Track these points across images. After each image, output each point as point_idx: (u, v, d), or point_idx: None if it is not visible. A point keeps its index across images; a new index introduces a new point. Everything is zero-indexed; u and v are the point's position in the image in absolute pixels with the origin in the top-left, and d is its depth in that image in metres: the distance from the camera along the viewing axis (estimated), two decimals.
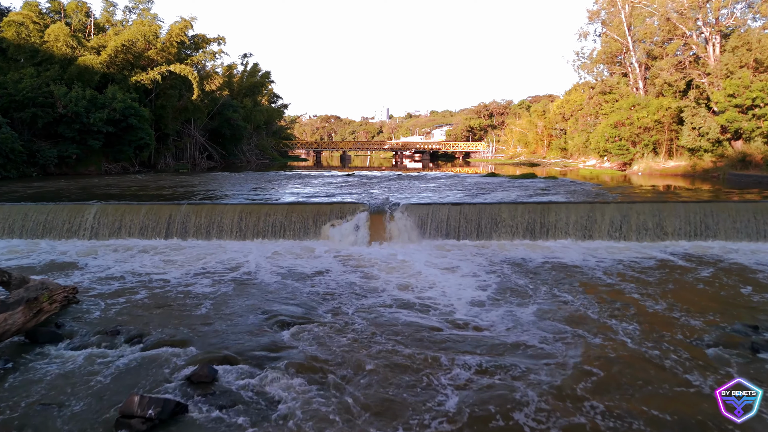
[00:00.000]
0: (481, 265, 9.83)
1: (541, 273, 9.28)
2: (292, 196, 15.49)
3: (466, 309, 7.16)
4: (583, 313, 6.92)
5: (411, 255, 10.81)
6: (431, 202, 13.71)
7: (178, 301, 7.50)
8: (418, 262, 10.05)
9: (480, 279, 8.79)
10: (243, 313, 7.06)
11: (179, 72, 29.18)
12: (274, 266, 9.69)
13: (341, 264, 9.94)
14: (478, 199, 14.65)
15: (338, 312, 7.06)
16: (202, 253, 10.88)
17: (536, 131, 59.82)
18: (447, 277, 8.92)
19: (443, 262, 10.07)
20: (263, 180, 22.30)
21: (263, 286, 8.31)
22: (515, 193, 16.16)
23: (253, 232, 12.96)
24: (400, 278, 8.78)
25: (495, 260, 10.48)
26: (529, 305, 7.32)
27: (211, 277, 8.80)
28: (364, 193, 16.22)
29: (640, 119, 28.40)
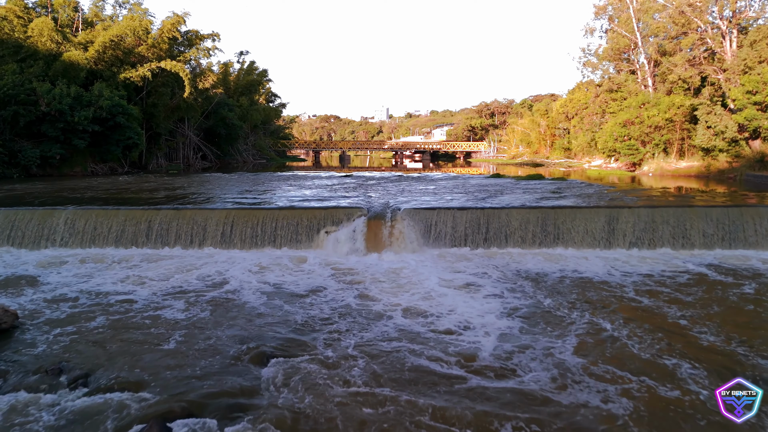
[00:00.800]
0: (498, 281, 8.65)
1: (565, 291, 8.07)
2: (284, 199, 14.33)
3: (493, 345, 5.86)
4: (635, 351, 5.68)
5: (415, 267, 9.62)
6: (435, 207, 12.56)
7: (141, 330, 6.30)
8: (424, 276, 8.86)
9: (502, 300, 7.56)
10: (219, 346, 5.88)
11: (170, 69, 27.98)
12: (260, 283, 8.50)
13: (336, 280, 8.74)
14: (485, 203, 13.50)
15: (333, 347, 5.86)
16: (181, 266, 9.70)
17: (539, 131, 58.67)
18: (462, 298, 7.67)
19: (455, 278, 8.83)
20: (256, 181, 21.15)
21: (247, 310, 7.12)
22: (524, 196, 15.00)
23: (240, 240, 11.81)
24: (406, 300, 7.56)
25: (508, 273, 9.32)
26: (568, 338, 6.10)
27: (187, 298, 7.61)
28: (362, 196, 15.07)
29: (651, 118, 27.23)
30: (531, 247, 11.92)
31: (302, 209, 12.33)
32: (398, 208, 12.52)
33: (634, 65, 33.75)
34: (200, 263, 10.04)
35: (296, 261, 10.37)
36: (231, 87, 48.12)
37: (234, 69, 50.52)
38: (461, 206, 12.64)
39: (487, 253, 11.45)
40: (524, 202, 13.56)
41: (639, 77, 32.87)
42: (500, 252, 11.60)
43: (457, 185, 19.69)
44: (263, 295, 7.78)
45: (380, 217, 12.02)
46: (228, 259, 10.55)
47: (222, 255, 10.98)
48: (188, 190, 16.34)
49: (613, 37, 32.85)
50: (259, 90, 56.00)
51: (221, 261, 10.32)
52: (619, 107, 31.05)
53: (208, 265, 9.91)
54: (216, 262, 10.12)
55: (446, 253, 11.36)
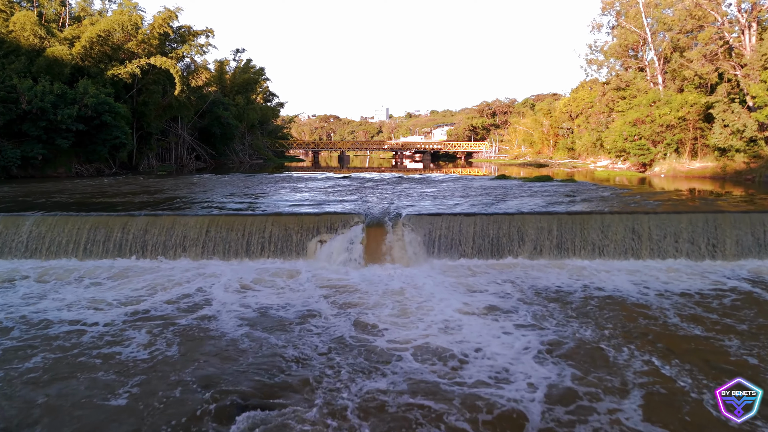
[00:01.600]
0: (520, 302, 7.46)
1: (599, 316, 6.81)
2: (275, 203, 13.14)
3: (541, 407, 4.47)
4: (712, 412, 4.42)
5: (421, 284, 8.40)
6: (440, 212, 11.39)
7: (87, 375, 5.06)
8: (434, 296, 7.65)
9: (536, 333, 6.25)
10: (184, 396, 4.67)
11: (160, 65, 26.77)
12: (243, 306, 7.25)
13: (331, 302, 7.50)
14: (494, 208, 12.33)
15: (322, 401, 4.63)
16: (152, 283, 8.50)
17: (542, 131, 57.49)
18: (487, 329, 6.34)
19: (472, 300, 7.53)
20: (248, 183, 19.96)
21: (223, 344, 5.90)
22: (534, 200, 13.83)
23: (223, 250, 10.63)
24: (418, 332, 6.24)
25: (528, 290, 8.14)
26: (631, 393, 4.73)
27: (152, 327, 6.38)
28: (360, 200, 13.90)
29: (662, 116, 26.04)
30: (547, 258, 10.76)
31: (293, 215, 11.16)
32: (399, 213, 11.36)
33: (643, 62, 32.54)
34: (176, 278, 8.85)
35: (285, 275, 9.19)
36: (227, 85, 46.93)
37: (230, 67, 49.41)
38: (468, 212, 11.47)
39: (499, 265, 10.29)
40: (536, 207, 12.40)
41: (648, 74, 31.66)
42: (513, 263, 10.44)
43: (460, 187, 18.52)
44: (244, 324, 6.54)
45: (380, 224, 10.86)
46: (208, 272, 9.36)
47: (201, 268, 9.79)
48: (173, 193, 15.15)
49: (621, 33, 31.65)
50: (256, 89, 54.81)
51: (200, 275, 9.13)
52: (628, 105, 29.86)
53: (184, 280, 8.72)
54: (194, 277, 8.92)
55: (454, 266, 10.19)
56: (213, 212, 11.39)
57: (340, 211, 11.40)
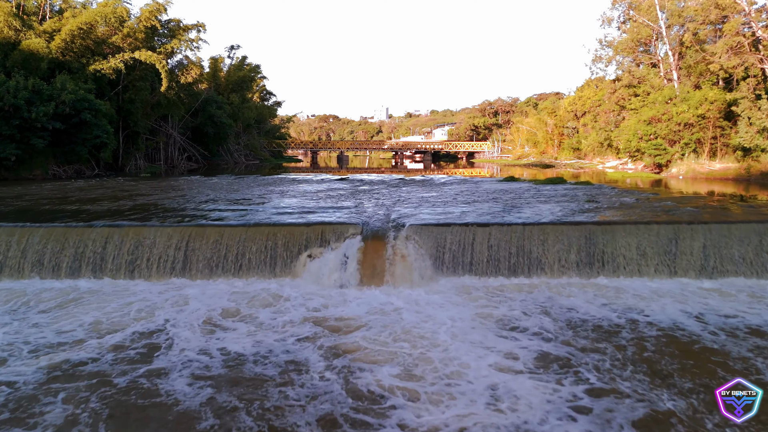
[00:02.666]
0: (567, 345, 5.77)
1: (669, 368, 5.17)
2: (262, 210, 11.54)
3: None
4: None
5: (434, 315, 6.76)
6: (448, 222, 9.83)
7: None
8: (455, 336, 5.97)
9: (614, 403, 4.53)
10: None
11: (144, 59, 25.17)
12: (208, 353, 5.61)
13: (321, 349, 5.75)
14: (510, 216, 10.76)
15: None
16: (102, 314, 6.88)
17: (546, 130, 55.90)
18: (548, 401, 4.56)
19: (509, 347, 5.70)
20: (237, 186, 18.40)
21: (170, 421, 4.28)
22: (552, 207, 12.26)
23: (195, 269, 9.05)
24: (449, 413, 4.38)
25: (565, 324, 6.56)
26: None
27: (80, 388, 4.74)
28: (357, 206, 12.31)
29: (680, 114, 24.47)
30: (574, 276, 9.20)
31: (278, 225, 9.60)
32: (402, 223, 9.80)
33: (656, 57, 30.97)
34: (132, 308, 7.25)
35: (266, 302, 7.59)
36: (221, 83, 45.35)
37: (225, 65, 47.79)
38: (481, 221, 9.90)
39: (520, 286, 8.73)
40: (556, 215, 10.83)
41: (661, 70, 30.10)
42: (536, 283, 8.88)
43: (467, 191, 16.95)
44: (206, 385, 4.83)
45: (379, 236, 9.30)
46: (173, 299, 7.77)
47: (167, 291, 8.21)
48: (147, 199, 13.56)
49: (633, 27, 30.07)
50: (252, 87, 53.22)
51: (164, 302, 7.53)
52: (641, 103, 28.28)
53: (142, 311, 7.13)
54: (154, 306, 7.33)
55: (468, 286, 8.63)
56: (186, 222, 9.82)
57: (333, 221, 9.83)
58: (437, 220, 10.04)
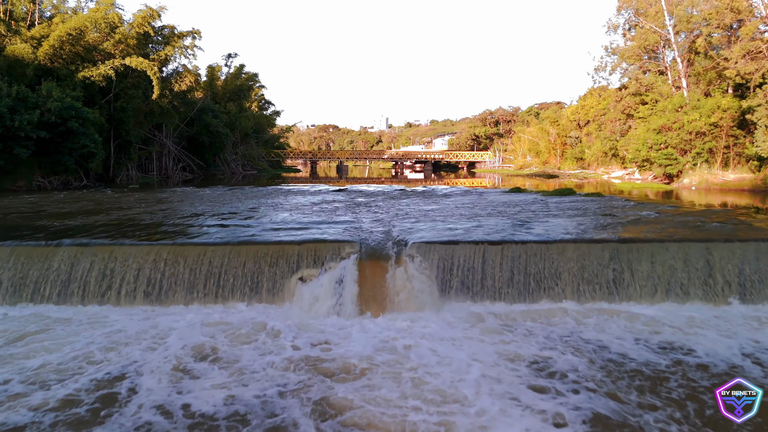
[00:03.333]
0: (621, 405, 4.60)
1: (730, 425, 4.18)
2: (251, 225, 10.53)
3: None
4: None
5: (448, 356, 5.67)
6: (455, 240, 8.83)
7: None
8: (477, 394, 4.79)
9: None
10: None
11: (135, 66, 24.28)
12: (167, 412, 4.55)
13: (311, 409, 4.62)
14: (522, 232, 9.76)
15: None
16: (56, 357, 5.84)
17: (548, 140, 55.10)
18: None
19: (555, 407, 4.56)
20: (230, 198, 17.43)
21: None
22: (565, 221, 11.26)
23: (173, 293, 8.05)
24: None
25: (598, 363, 5.55)
26: None
27: None
28: (355, 220, 11.31)
29: (691, 122, 23.58)
30: (600, 300, 8.20)
31: (266, 244, 8.59)
32: (404, 240, 8.81)
33: (663, 65, 30.15)
34: (95, 344, 6.23)
35: (248, 337, 6.55)
36: (219, 92, 44.56)
37: (223, 73, 47.05)
38: (493, 238, 8.91)
39: (538, 313, 7.73)
40: (573, 231, 9.84)
41: (669, 78, 29.25)
42: (558, 309, 7.87)
43: (472, 203, 15.98)
44: None
45: (379, 255, 8.30)
46: (146, 331, 6.74)
47: (140, 322, 7.20)
48: (130, 212, 12.57)
49: (640, 34, 29.27)
50: (251, 96, 52.47)
51: (133, 337, 6.47)
52: (650, 111, 27.41)
53: (107, 349, 6.08)
54: (122, 343, 6.28)
55: (479, 314, 7.61)
56: (164, 240, 8.81)
57: (328, 239, 8.82)
58: (443, 237, 9.04)
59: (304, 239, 8.77)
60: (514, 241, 8.74)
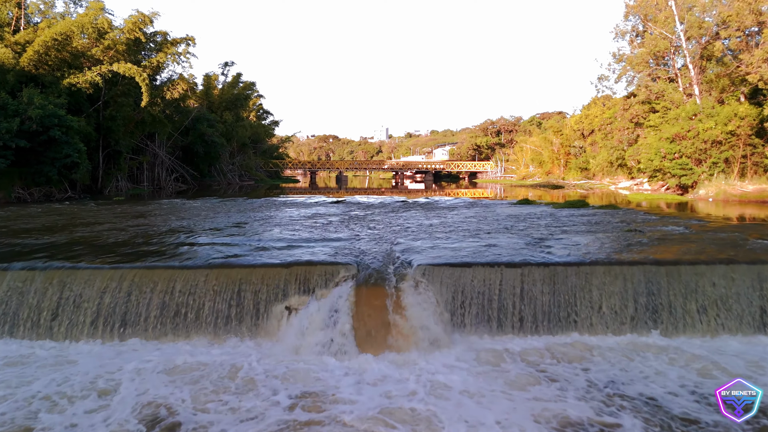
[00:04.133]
0: None
1: None
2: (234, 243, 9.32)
3: None
4: None
5: (475, 418, 4.39)
6: (466, 261, 7.64)
7: None
8: None
9: None
10: None
11: (123, 72, 23.21)
12: None
13: None
14: (541, 251, 8.57)
15: None
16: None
17: (552, 149, 54.05)
18: None
19: None
20: (220, 211, 16.25)
21: None
22: (585, 237, 10.07)
23: (136, 326, 6.86)
24: None
25: (654, 426, 4.35)
26: None
27: None
28: (352, 237, 10.11)
29: (707, 131, 22.47)
30: (636, 333, 7.02)
31: (248, 267, 7.40)
32: (408, 261, 7.63)
33: (673, 71, 29.11)
34: (34, 396, 5.02)
35: (222, 387, 5.30)
36: (215, 101, 43.57)
37: (220, 82, 46.09)
38: (509, 260, 7.72)
39: (565, 352, 6.52)
40: (597, 250, 8.66)
41: (680, 85, 28.19)
42: (590, 345, 6.69)
43: (479, 216, 14.80)
44: None
45: (379, 280, 7.10)
46: (94, 380, 5.52)
47: (88, 360, 5.99)
48: (101, 228, 11.36)
49: (650, 40, 28.25)
50: (248, 105, 51.49)
51: (76, 389, 5.25)
52: (661, 120, 26.32)
53: (36, 409, 4.85)
54: (64, 395, 5.05)
55: (498, 352, 6.41)
56: (132, 263, 7.61)
57: (320, 260, 7.63)
58: (452, 258, 7.85)
59: (292, 261, 7.58)
60: (536, 262, 7.55)
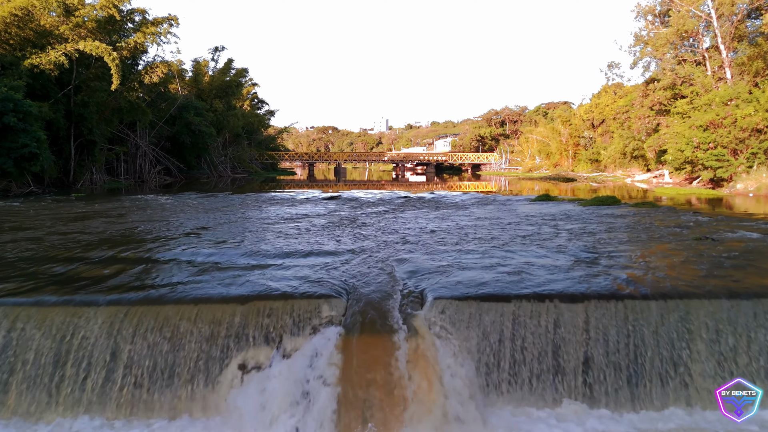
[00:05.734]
0: None
1: None
2: (185, 261, 6.97)
3: None
4: None
5: None
6: (502, 293, 5.32)
7: None
8: None
9: None
10: None
11: (90, 51, 20.80)
12: None
13: None
14: (598, 274, 6.21)
15: None
16: None
17: (560, 140, 51.59)
18: None
19: None
20: (192, 209, 13.93)
21: None
22: (646, 251, 7.76)
23: (16, 393, 4.56)
24: None
25: None
26: None
27: None
28: (341, 250, 7.72)
29: (745, 118, 20.11)
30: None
31: (186, 303, 5.08)
32: (419, 292, 5.33)
33: (700, 54, 26.67)
34: None
35: None
36: (204, 88, 41.08)
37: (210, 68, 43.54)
38: (563, 289, 5.38)
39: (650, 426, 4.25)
40: (678, 271, 6.34)
41: (708, 68, 25.76)
42: (680, 418, 4.43)
43: (498, 217, 12.46)
44: None
45: (378, 323, 4.77)
46: None
47: None
48: (13, 236, 9.05)
49: (677, 18, 25.74)
50: (242, 94, 48.98)
51: None
52: (689, 106, 23.91)
53: None
54: None
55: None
56: (22, 295, 5.29)
57: (293, 291, 5.28)
58: (477, 283, 5.51)
59: (253, 291, 5.25)
60: (604, 293, 5.25)
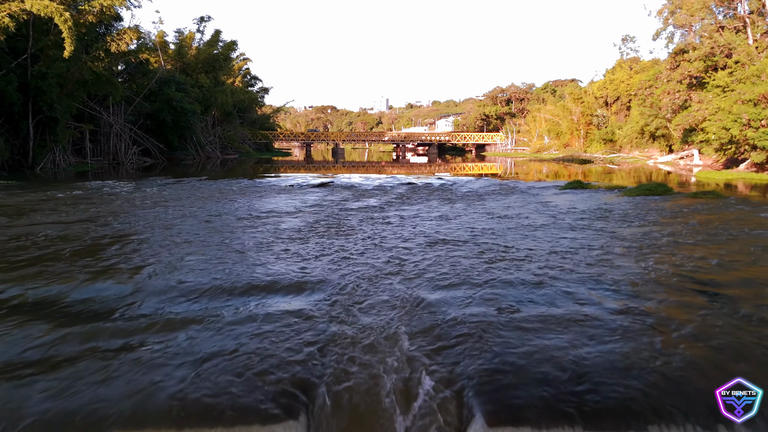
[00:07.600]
0: None
1: None
2: (66, 304, 4.30)
3: None
4: None
5: None
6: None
7: None
8: None
9: None
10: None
11: (37, 11, 17.80)
12: None
13: None
14: (744, 332, 3.45)
15: None
16: None
17: (571, 119, 48.49)
18: None
19: None
20: (134, 205, 11.24)
21: None
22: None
23: None
24: None
25: None
26: None
27: None
28: (310, 285, 4.97)
29: None
30: None
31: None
32: (449, 394, 2.51)
33: (740, 20, 23.65)
34: None
35: None
36: (189, 61, 37.98)
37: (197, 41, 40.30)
38: None
39: None
40: None
41: (749, 37, 22.78)
42: None
43: (529, 213, 9.73)
44: None
45: None
46: None
47: None
48: None
49: None
50: (232, 69, 45.78)
51: None
52: (731, 78, 21.00)
53: None
54: None
55: None
56: None
57: (215, 404, 2.57)
58: (545, 363, 2.78)
59: (138, 405, 2.52)
60: None
